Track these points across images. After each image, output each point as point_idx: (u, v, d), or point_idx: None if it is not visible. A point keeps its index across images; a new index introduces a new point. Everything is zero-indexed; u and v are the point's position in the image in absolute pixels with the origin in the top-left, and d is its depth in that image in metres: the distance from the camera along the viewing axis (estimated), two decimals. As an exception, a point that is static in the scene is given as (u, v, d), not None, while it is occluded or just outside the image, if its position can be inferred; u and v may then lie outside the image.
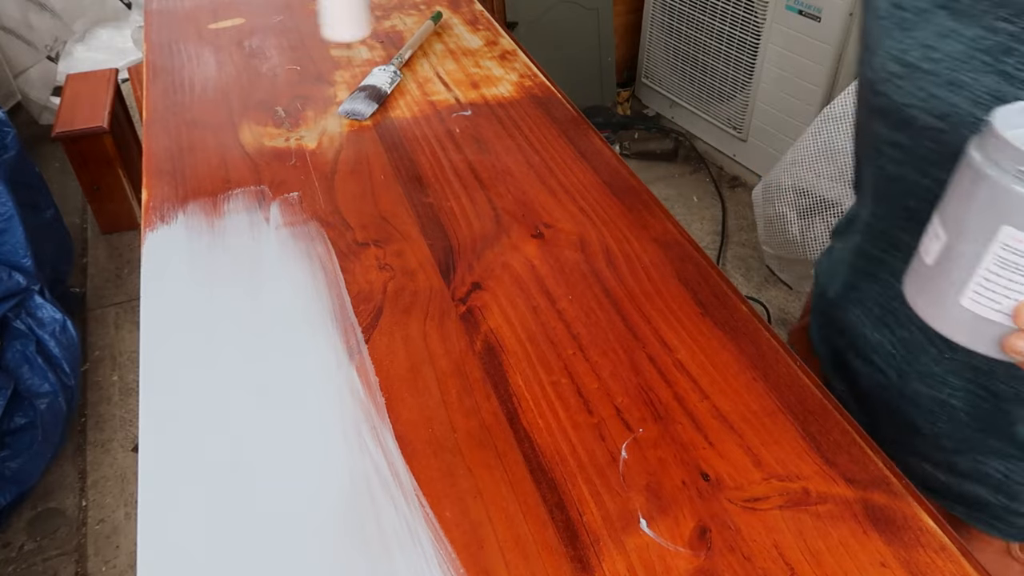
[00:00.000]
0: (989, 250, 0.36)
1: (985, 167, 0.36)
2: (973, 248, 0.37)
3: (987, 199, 0.36)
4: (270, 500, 0.47)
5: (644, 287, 0.63)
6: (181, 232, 0.68)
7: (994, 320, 0.37)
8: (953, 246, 0.38)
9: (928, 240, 0.40)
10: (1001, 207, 0.35)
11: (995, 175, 0.35)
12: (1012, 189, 0.35)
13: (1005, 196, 0.35)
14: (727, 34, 2.09)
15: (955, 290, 0.38)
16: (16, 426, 1.38)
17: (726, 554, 0.44)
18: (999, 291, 0.36)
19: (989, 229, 0.36)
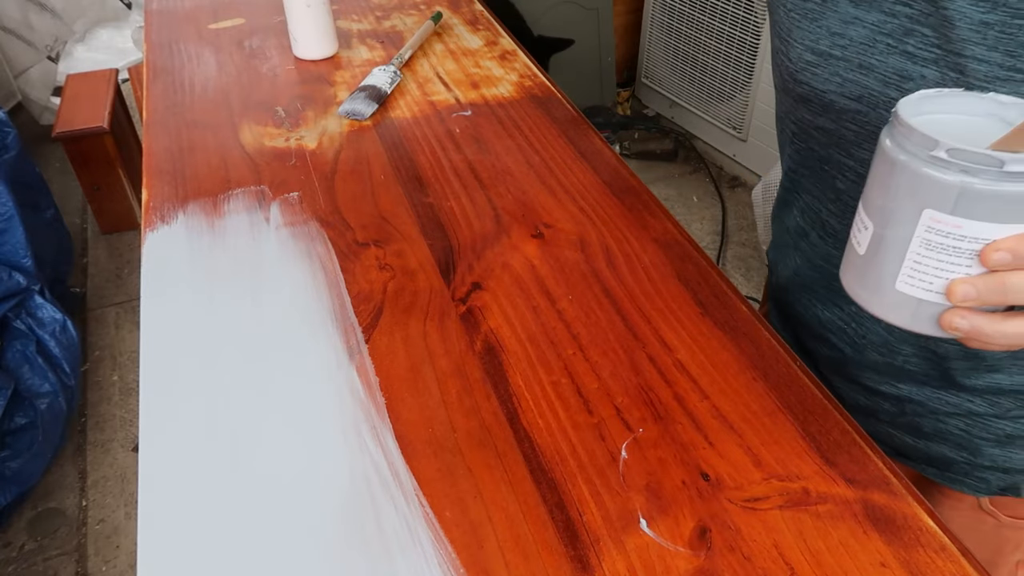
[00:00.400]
0: (914, 234, 0.37)
1: (897, 153, 0.37)
2: (899, 233, 0.38)
3: (904, 185, 0.37)
4: (270, 500, 0.47)
5: (644, 287, 0.63)
6: (181, 232, 0.68)
7: (930, 300, 0.38)
8: (881, 234, 0.39)
9: (857, 230, 0.41)
10: (918, 191, 0.36)
11: (907, 160, 0.36)
12: (924, 172, 0.35)
13: (919, 180, 0.36)
14: (727, 34, 2.09)
15: (889, 276, 0.39)
16: (16, 426, 1.38)
17: (726, 554, 0.44)
18: (930, 272, 0.37)
19: (911, 214, 0.37)
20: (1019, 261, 0.35)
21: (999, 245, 0.35)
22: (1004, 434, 0.58)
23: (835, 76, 0.51)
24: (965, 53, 0.44)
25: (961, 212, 0.35)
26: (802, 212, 0.63)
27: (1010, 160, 0.33)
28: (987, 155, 0.34)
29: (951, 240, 0.36)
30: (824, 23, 0.51)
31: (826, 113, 0.54)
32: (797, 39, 0.53)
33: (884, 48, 0.48)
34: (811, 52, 0.52)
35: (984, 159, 0.34)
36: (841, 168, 0.56)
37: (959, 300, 0.36)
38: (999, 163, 0.33)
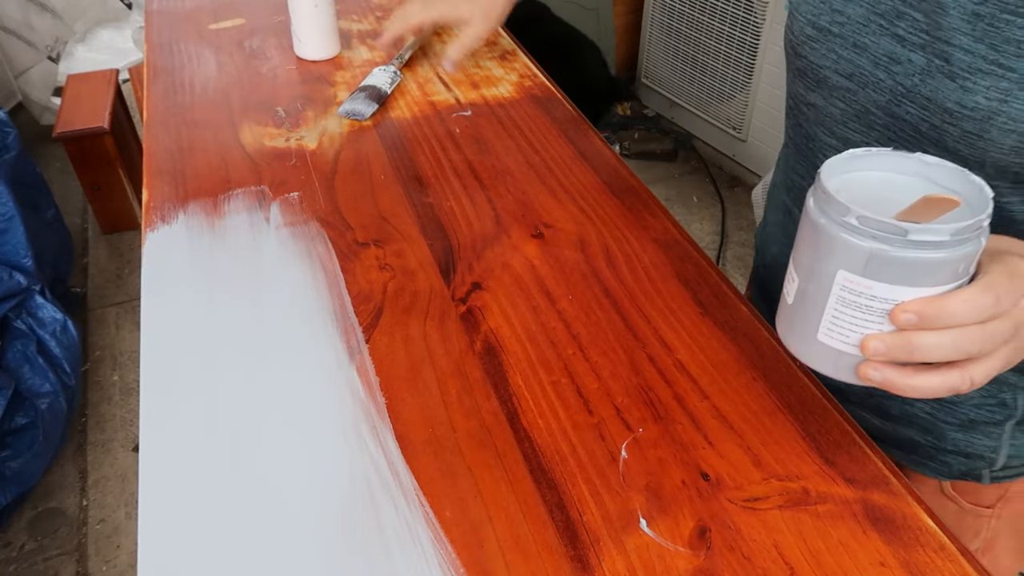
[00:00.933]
0: (831, 291, 0.39)
1: (818, 215, 0.39)
2: (819, 289, 0.40)
3: (822, 246, 0.39)
4: (270, 500, 0.47)
5: (644, 287, 0.63)
6: (182, 232, 0.68)
7: (848, 352, 0.40)
8: (804, 288, 0.41)
9: (788, 280, 0.43)
10: (833, 253, 0.38)
11: (825, 223, 0.38)
12: (838, 236, 0.38)
13: (834, 243, 0.38)
14: (727, 34, 2.09)
15: (812, 327, 0.41)
16: (17, 426, 1.38)
17: (726, 554, 0.45)
18: (846, 327, 0.39)
19: (828, 272, 0.39)
20: (925, 322, 0.36)
21: (906, 307, 0.37)
22: (967, 419, 0.59)
23: (831, 52, 0.52)
24: (953, 42, 0.45)
25: (871, 275, 0.37)
26: (787, 190, 0.64)
27: (914, 230, 0.35)
28: (893, 224, 0.36)
29: (863, 299, 0.38)
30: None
31: (818, 88, 0.55)
32: (802, 12, 0.54)
33: (877, 28, 0.49)
34: (812, 26, 0.53)
35: (890, 228, 0.36)
36: (824, 147, 0.56)
37: (870, 355, 0.38)
38: (904, 232, 0.36)
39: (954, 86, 0.45)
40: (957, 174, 0.40)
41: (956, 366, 0.38)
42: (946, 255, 0.36)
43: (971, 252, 0.36)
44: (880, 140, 0.52)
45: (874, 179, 0.42)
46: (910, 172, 0.42)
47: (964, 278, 0.37)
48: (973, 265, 0.37)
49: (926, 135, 0.49)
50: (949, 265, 0.36)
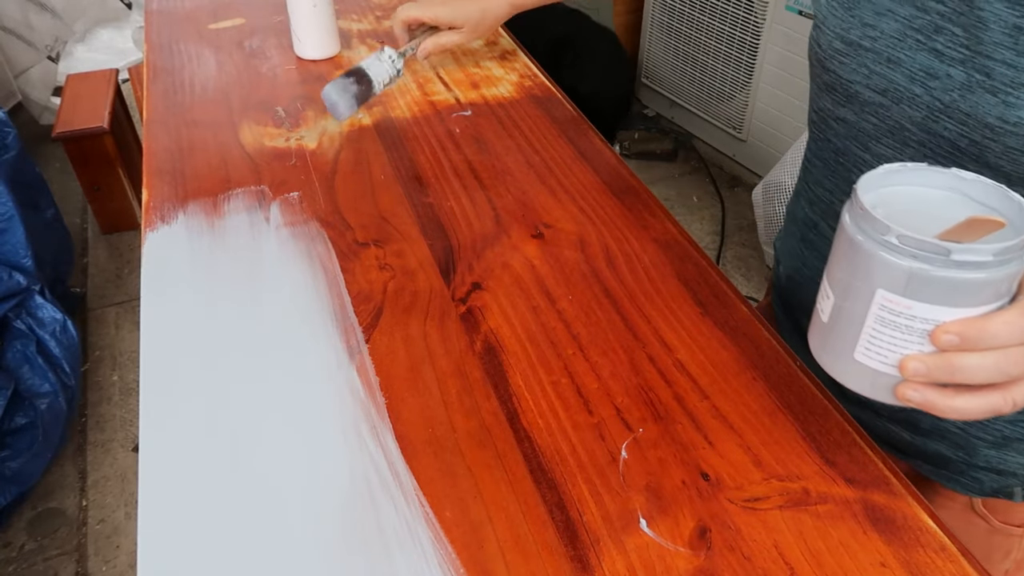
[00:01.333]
0: (870, 310, 0.38)
1: (855, 232, 0.38)
2: (856, 308, 0.39)
3: (860, 264, 0.38)
4: (270, 500, 0.47)
5: (644, 287, 0.63)
6: (181, 232, 0.68)
7: (886, 372, 0.39)
8: (840, 306, 0.40)
9: (821, 298, 0.42)
10: (872, 271, 0.37)
11: (863, 240, 0.37)
12: (878, 255, 0.37)
13: (873, 261, 0.37)
14: (727, 34, 2.09)
15: (848, 346, 0.40)
16: (16, 426, 1.38)
17: (726, 554, 0.44)
18: (884, 347, 0.38)
19: (866, 291, 0.38)
20: (967, 343, 0.36)
21: (948, 328, 0.36)
22: (1001, 436, 0.58)
23: (862, 67, 0.51)
24: (994, 56, 0.44)
25: (911, 294, 0.36)
26: (811, 203, 0.63)
27: (957, 250, 0.35)
28: (935, 244, 0.35)
29: (903, 319, 0.37)
30: (858, 12, 0.51)
31: (849, 104, 0.54)
32: (830, 26, 0.53)
33: (913, 43, 0.48)
34: (841, 40, 0.52)
35: (932, 247, 0.35)
36: (857, 162, 0.55)
37: (910, 376, 0.38)
38: (946, 252, 0.35)
39: (996, 101, 0.45)
40: (995, 191, 0.39)
41: (998, 387, 0.37)
42: (989, 275, 0.35)
43: (1014, 272, 0.36)
44: (915, 156, 0.51)
45: (909, 195, 0.41)
46: (946, 187, 0.41)
47: (1006, 298, 0.36)
48: (1015, 284, 0.36)
49: (965, 151, 0.48)
50: (992, 285, 0.35)
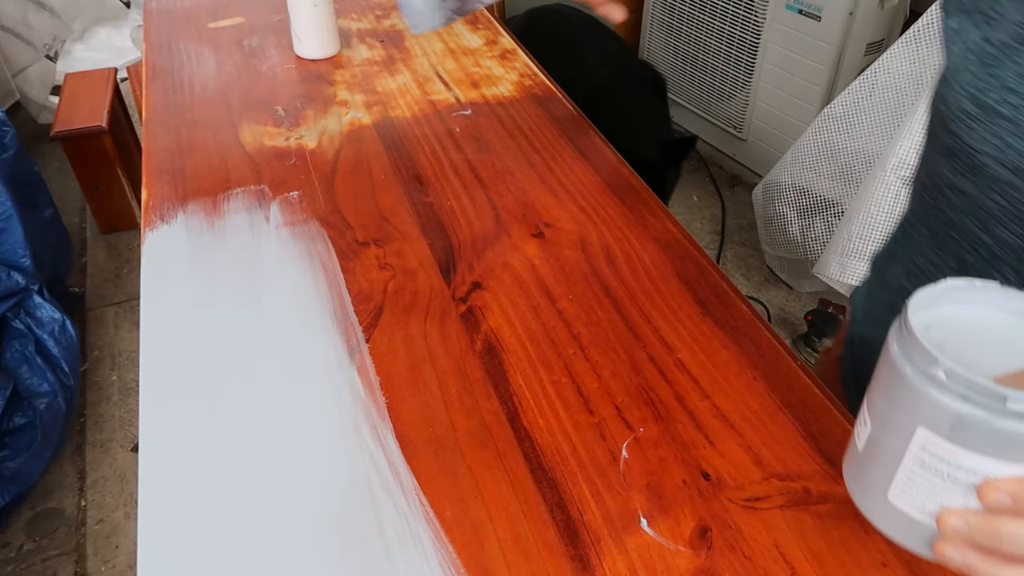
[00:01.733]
0: (909, 449, 0.33)
1: (901, 362, 0.33)
2: (895, 443, 0.34)
3: (902, 395, 0.33)
4: (270, 499, 0.47)
5: (644, 286, 0.63)
6: (181, 232, 0.68)
7: (922, 522, 0.34)
8: (877, 438, 0.35)
9: (860, 423, 0.37)
10: (915, 406, 0.32)
11: (906, 369, 0.33)
12: (923, 391, 0.32)
13: (916, 395, 0.32)
14: (727, 34, 2.09)
15: (883, 484, 0.35)
16: (15, 426, 1.38)
17: (727, 553, 0.44)
18: (923, 493, 0.33)
19: (907, 426, 0.33)
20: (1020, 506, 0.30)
21: (999, 485, 0.31)
22: None
23: (995, 137, 0.43)
24: None
25: (957, 440, 0.31)
26: (909, 273, 0.55)
27: (1014, 398, 0.29)
28: (989, 387, 0.30)
29: (945, 466, 0.32)
30: (999, 72, 0.42)
31: (972, 175, 0.46)
32: (962, 83, 0.44)
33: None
34: (973, 102, 0.44)
35: (986, 391, 0.30)
36: (974, 242, 0.47)
37: (948, 534, 0.33)
38: (1002, 398, 0.30)
39: None
40: None
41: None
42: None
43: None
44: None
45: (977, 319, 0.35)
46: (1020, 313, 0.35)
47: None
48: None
49: None
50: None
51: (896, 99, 1.56)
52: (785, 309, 1.87)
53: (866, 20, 1.74)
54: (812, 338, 1.69)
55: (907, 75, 1.52)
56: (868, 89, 1.59)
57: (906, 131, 1.42)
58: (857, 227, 1.53)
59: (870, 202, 1.51)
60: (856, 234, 1.54)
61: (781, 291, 1.92)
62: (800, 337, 1.73)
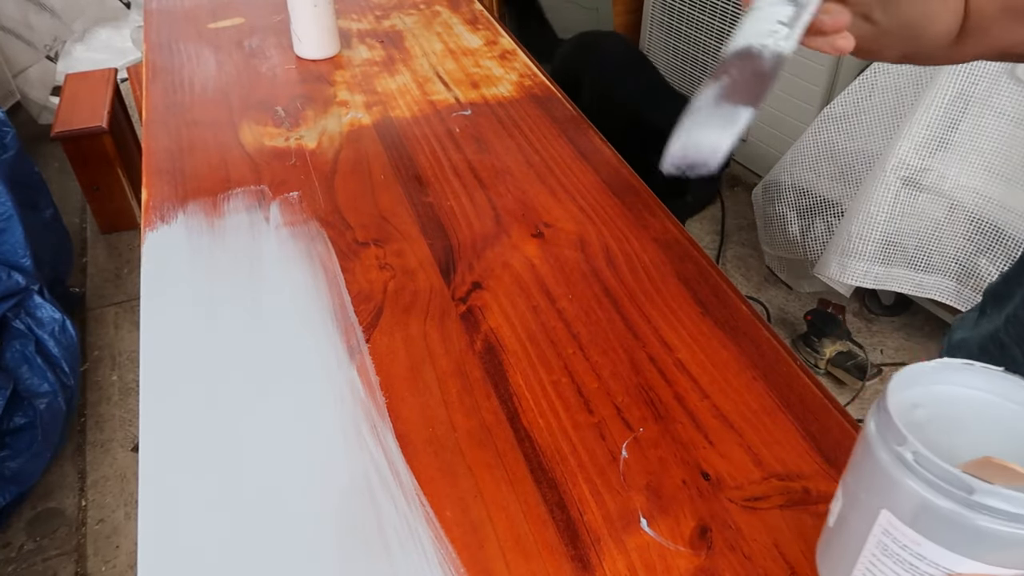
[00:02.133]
0: (872, 532, 0.31)
1: (873, 438, 0.31)
2: (859, 523, 0.32)
3: (872, 474, 0.31)
4: (270, 499, 0.47)
5: (644, 286, 0.63)
6: (181, 232, 0.68)
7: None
8: (846, 516, 0.34)
9: (834, 500, 0.36)
10: (881, 487, 0.31)
11: (878, 450, 0.31)
12: (889, 471, 0.30)
13: (882, 474, 0.30)
14: (727, 34, 2.09)
15: (847, 565, 0.33)
16: (15, 426, 1.38)
17: (727, 553, 0.44)
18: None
19: (872, 508, 0.31)
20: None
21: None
22: None
23: None
24: None
25: (921, 529, 0.29)
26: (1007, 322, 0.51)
27: (982, 490, 0.27)
28: (955, 475, 0.28)
29: (908, 555, 0.30)
30: None
31: None
32: None
33: None
34: None
35: (951, 479, 0.28)
36: None
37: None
38: (968, 489, 0.27)
39: None
40: None
41: None
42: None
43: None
44: None
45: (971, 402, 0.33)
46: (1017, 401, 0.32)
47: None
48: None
49: None
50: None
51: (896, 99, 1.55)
52: (785, 309, 1.87)
53: (866, 20, 1.74)
54: (812, 338, 1.69)
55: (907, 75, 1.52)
56: (868, 89, 1.59)
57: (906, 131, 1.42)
58: (857, 227, 1.53)
59: (870, 202, 1.51)
60: (856, 234, 1.54)
61: (781, 291, 1.92)
62: (800, 337, 1.73)
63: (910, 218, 1.51)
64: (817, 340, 1.67)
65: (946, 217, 1.49)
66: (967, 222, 1.47)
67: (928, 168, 1.46)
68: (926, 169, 1.46)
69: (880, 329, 1.81)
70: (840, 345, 1.66)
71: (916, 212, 1.50)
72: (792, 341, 1.75)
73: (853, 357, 1.64)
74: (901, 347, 1.76)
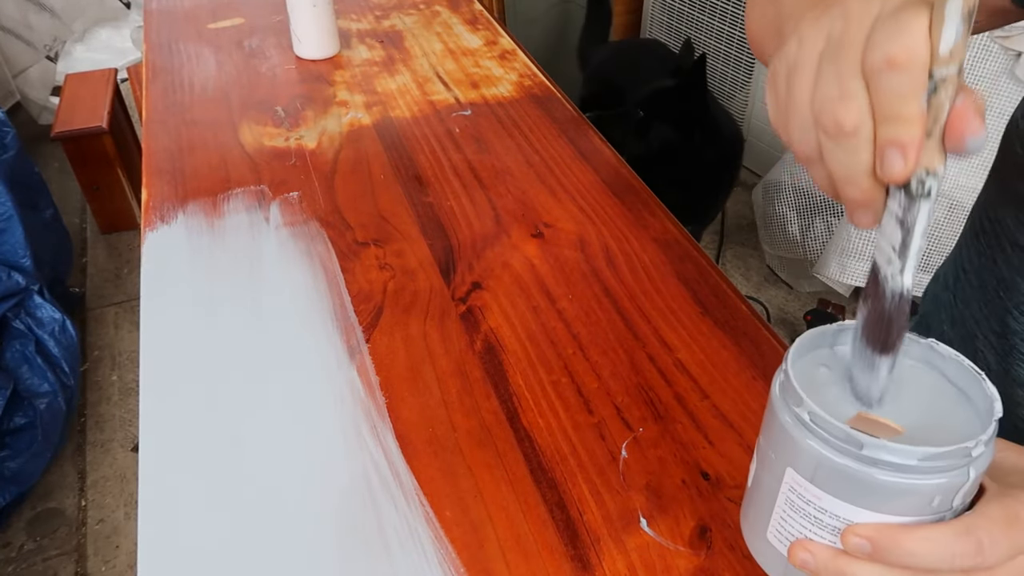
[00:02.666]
0: (780, 490, 0.33)
1: (777, 401, 0.33)
2: (770, 483, 0.34)
3: (777, 436, 0.33)
4: (270, 500, 0.47)
5: (644, 286, 0.63)
6: (181, 232, 0.68)
7: None
8: (760, 477, 0.35)
9: (752, 463, 0.37)
10: (785, 448, 0.32)
11: (780, 412, 0.32)
12: (790, 432, 0.32)
13: (784, 435, 0.32)
14: (727, 34, 2.09)
15: (762, 522, 0.35)
16: (15, 426, 1.38)
17: (726, 553, 0.44)
18: (795, 534, 0.33)
19: (779, 467, 0.33)
20: (878, 554, 0.30)
21: (857, 530, 0.30)
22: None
23: None
24: None
25: (820, 484, 0.31)
26: (953, 322, 0.52)
27: (870, 444, 0.29)
28: (845, 431, 0.29)
29: (812, 509, 0.32)
30: None
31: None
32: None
33: None
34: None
35: (842, 435, 0.30)
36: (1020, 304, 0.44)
37: (797, 565, 0.32)
38: (858, 444, 0.29)
39: None
40: (971, 377, 0.32)
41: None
42: (912, 482, 0.29)
43: (951, 485, 0.29)
44: None
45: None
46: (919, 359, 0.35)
47: (947, 514, 0.30)
48: (960, 499, 0.30)
49: None
50: (917, 495, 0.29)
51: (896, 99, 1.55)
52: (785, 309, 1.87)
53: (866, 20, 1.73)
54: (812, 338, 1.68)
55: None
56: (868, 89, 1.59)
57: (906, 131, 1.42)
58: (857, 227, 1.53)
59: (870, 202, 1.51)
60: (856, 234, 1.54)
61: (781, 291, 1.92)
62: (800, 337, 1.73)
63: (910, 218, 1.50)
64: (817, 340, 1.67)
65: (946, 217, 1.49)
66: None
67: (928, 168, 1.46)
68: (926, 169, 1.46)
69: (880, 329, 1.81)
70: (840, 345, 1.65)
71: (916, 212, 1.50)
72: (792, 341, 1.75)
73: (853, 357, 1.64)
74: (901, 347, 1.75)
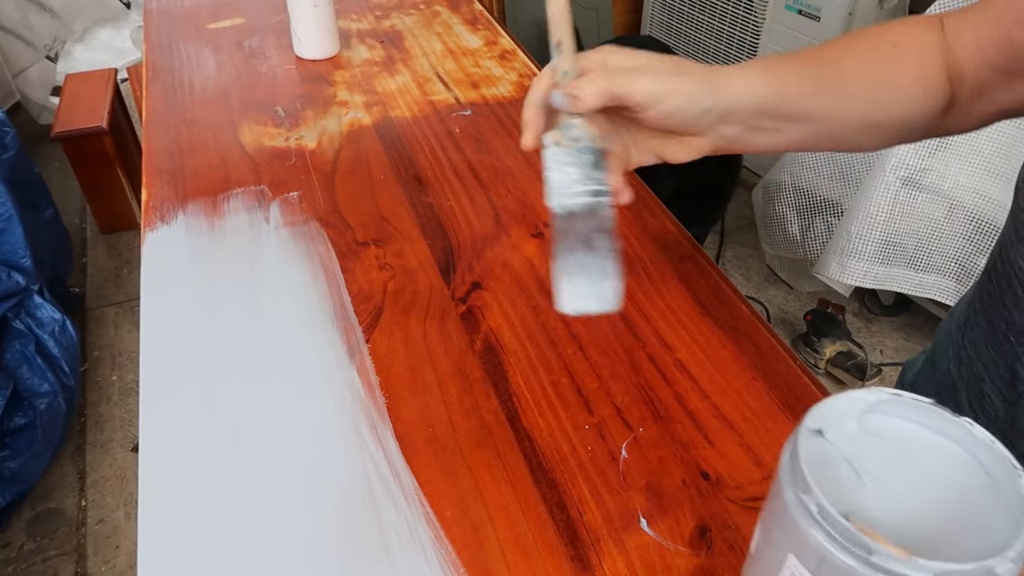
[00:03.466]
0: (781, 573, 0.31)
1: (785, 479, 0.31)
2: (772, 558, 0.32)
3: (781, 515, 0.31)
4: (270, 499, 0.47)
5: (644, 286, 0.63)
6: (181, 232, 0.68)
7: None
8: (762, 548, 0.33)
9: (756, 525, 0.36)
10: (789, 531, 0.30)
11: (787, 493, 0.30)
12: (795, 517, 0.30)
13: (791, 521, 0.30)
14: (727, 34, 2.09)
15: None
16: (15, 426, 1.38)
17: (726, 553, 0.44)
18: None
19: (781, 547, 0.31)
20: None
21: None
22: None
23: None
24: None
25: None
26: (960, 364, 0.50)
27: (879, 552, 0.27)
28: (854, 533, 0.27)
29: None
30: None
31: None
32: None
33: None
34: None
35: (850, 536, 0.27)
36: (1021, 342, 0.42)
37: None
38: (866, 549, 0.27)
39: None
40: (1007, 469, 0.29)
41: None
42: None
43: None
44: None
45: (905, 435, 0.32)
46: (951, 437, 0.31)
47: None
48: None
49: None
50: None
51: (896, 99, 1.55)
52: (785, 309, 1.87)
53: (865, 20, 1.74)
54: (812, 338, 1.69)
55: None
56: (868, 89, 1.59)
57: (906, 131, 1.42)
58: (857, 227, 1.53)
59: (870, 202, 1.51)
60: (856, 234, 1.54)
61: (781, 291, 1.92)
62: (800, 337, 1.73)
63: (910, 218, 1.51)
64: (817, 340, 1.68)
65: (946, 217, 1.49)
66: (967, 222, 1.47)
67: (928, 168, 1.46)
68: (926, 169, 1.46)
69: (880, 329, 1.81)
70: (840, 345, 1.66)
71: (916, 212, 1.50)
72: (792, 341, 1.75)
73: (853, 357, 1.64)
74: (901, 347, 1.76)
